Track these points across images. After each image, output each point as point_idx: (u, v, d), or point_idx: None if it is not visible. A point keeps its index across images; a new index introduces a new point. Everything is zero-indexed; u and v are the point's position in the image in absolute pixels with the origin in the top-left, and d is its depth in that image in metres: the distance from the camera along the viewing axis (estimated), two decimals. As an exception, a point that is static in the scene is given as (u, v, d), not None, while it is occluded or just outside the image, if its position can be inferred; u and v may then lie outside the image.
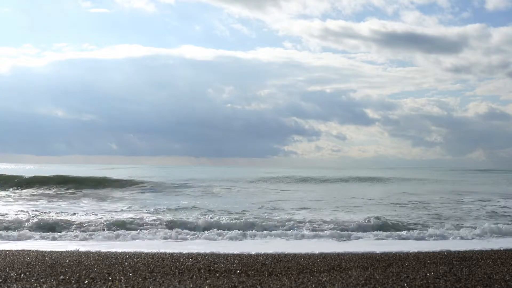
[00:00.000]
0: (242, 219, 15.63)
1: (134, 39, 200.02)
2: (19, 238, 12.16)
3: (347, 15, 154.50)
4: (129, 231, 13.14)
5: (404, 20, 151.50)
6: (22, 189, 31.09)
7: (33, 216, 15.72)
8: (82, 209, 19.51)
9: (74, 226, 14.17)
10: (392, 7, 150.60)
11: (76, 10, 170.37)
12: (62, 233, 12.91)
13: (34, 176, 35.74)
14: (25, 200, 24.50)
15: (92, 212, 17.81)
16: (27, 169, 69.10)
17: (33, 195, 27.72)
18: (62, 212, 17.76)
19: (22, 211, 17.95)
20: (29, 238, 12.27)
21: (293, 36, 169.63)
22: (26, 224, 14.31)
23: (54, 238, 12.26)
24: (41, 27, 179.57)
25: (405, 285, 5.91)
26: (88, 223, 14.58)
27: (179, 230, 13.27)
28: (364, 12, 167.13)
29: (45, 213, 17.29)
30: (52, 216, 16.12)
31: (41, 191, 29.79)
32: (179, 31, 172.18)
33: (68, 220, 14.93)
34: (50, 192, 29.63)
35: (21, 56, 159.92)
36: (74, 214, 17.10)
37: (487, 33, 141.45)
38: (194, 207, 20.48)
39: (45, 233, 12.82)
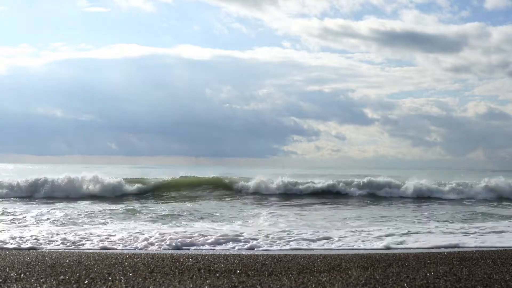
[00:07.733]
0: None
1: (132, 38, 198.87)
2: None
3: (345, 13, 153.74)
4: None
5: (403, 19, 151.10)
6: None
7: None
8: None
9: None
10: (391, 6, 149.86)
11: (72, 9, 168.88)
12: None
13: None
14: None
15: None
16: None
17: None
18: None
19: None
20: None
21: (292, 36, 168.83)
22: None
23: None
24: (37, 26, 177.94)
25: (405, 285, 5.91)
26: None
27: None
28: (362, 10, 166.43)
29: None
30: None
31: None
32: (177, 31, 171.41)
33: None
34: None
35: (18, 55, 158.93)
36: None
37: (487, 32, 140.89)
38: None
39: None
